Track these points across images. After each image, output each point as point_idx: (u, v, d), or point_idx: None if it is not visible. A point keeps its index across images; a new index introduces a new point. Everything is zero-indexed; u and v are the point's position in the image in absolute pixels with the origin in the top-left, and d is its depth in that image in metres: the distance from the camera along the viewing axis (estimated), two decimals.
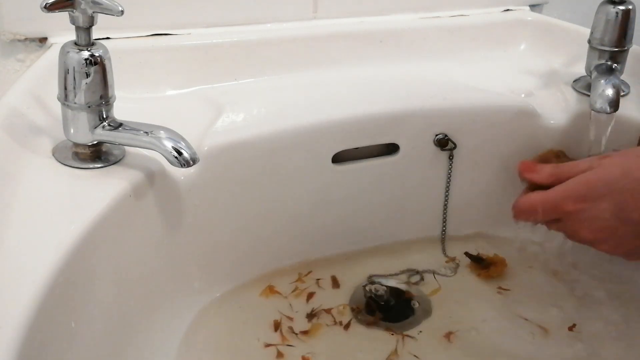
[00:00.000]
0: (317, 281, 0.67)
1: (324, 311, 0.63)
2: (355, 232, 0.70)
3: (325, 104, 0.66)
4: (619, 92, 0.64)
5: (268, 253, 0.66)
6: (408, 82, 0.71)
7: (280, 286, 0.65)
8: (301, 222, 0.66)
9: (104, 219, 0.47)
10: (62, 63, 0.49)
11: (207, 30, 0.70)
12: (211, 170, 0.58)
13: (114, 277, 0.50)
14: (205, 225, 0.60)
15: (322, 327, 0.62)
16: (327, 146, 0.64)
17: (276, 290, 0.65)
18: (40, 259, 0.41)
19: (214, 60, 0.68)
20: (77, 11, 0.48)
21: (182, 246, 0.59)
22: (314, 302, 0.64)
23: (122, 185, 0.50)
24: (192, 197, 0.58)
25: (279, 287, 0.65)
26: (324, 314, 0.63)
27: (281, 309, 0.63)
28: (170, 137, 0.49)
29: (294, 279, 0.66)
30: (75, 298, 0.44)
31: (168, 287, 0.59)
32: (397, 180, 0.68)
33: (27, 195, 0.47)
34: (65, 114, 0.51)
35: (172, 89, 0.67)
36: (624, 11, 0.66)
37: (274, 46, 0.71)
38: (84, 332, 0.45)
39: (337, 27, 0.74)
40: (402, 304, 0.65)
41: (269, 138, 0.61)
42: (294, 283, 0.66)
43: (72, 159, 0.52)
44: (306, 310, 0.63)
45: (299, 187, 0.64)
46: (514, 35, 0.83)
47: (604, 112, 0.62)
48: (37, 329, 0.38)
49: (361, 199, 0.68)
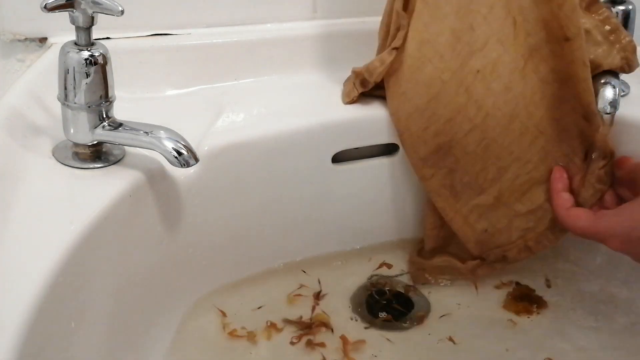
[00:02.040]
0: (318, 281, 0.67)
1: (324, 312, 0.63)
2: (355, 231, 0.70)
3: (326, 103, 0.66)
4: (619, 92, 0.64)
5: (268, 252, 0.66)
6: None
7: (280, 285, 0.65)
8: (301, 221, 0.66)
9: (104, 219, 0.47)
10: (62, 63, 0.49)
11: (207, 30, 0.70)
12: (211, 170, 0.58)
13: (114, 277, 0.50)
14: (205, 225, 0.60)
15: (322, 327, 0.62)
16: (327, 146, 0.64)
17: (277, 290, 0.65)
18: (40, 259, 0.41)
19: (214, 60, 0.68)
20: (77, 11, 0.48)
21: (182, 246, 0.59)
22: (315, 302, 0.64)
23: (122, 185, 0.50)
24: (192, 197, 0.58)
25: (279, 286, 0.65)
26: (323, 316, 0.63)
27: (281, 308, 0.63)
28: (170, 137, 0.49)
29: (294, 278, 0.66)
30: (75, 298, 0.44)
31: (168, 286, 0.59)
32: (397, 180, 0.68)
33: (27, 195, 0.47)
34: (65, 114, 0.51)
35: (172, 89, 0.67)
36: (624, 11, 0.66)
37: (274, 46, 0.71)
38: (84, 332, 0.45)
39: (337, 27, 0.74)
40: (404, 303, 0.65)
41: (268, 138, 0.61)
42: (294, 283, 0.66)
43: (72, 159, 0.52)
44: (307, 309, 0.63)
45: (298, 187, 0.64)
46: None
47: (604, 112, 0.62)
48: (37, 329, 0.38)
49: (361, 199, 0.68)
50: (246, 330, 0.61)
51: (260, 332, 0.60)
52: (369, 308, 0.64)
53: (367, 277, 0.68)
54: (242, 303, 0.63)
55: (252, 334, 0.60)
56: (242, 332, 0.60)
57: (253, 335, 0.60)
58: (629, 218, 0.54)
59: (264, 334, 0.60)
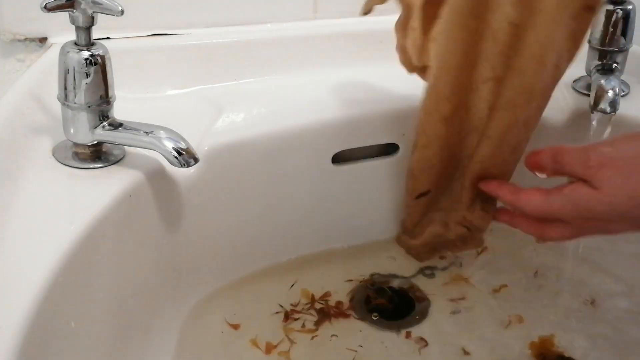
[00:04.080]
0: (317, 279, 0.67)
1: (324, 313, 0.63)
2: (355, 231, 0.70)
3: (325, 104, 0.66)
4: (619, 92, 0.64)
5: (268, 252, 0.66)
6: (408, 82, 0.71)
7: (280, 284, 0.65)
8: (301, 222, 0.66)
9: (104, 219, 0.47)
10: (62, 63, 0.49)
11: (207, 30, 0.70)
12: (211, 170, 0.58)
13: (114, 277, 0.50)
14: (205, 225, 0.60)
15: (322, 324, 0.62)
16: (327, 146, 0.64)
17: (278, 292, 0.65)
18: (40, 259, 0.41)
19: (214, 60, 0.68)
20: (77, 11, 0.48)
21: (182, 246, 0.59)
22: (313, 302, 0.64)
23: (122, 185, 0.50)
24: (192, 197, 0.58)
25: (279, 285, 0.65)
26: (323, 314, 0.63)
27: (282, 307, 0.63)
28: (170, 137, 0.49)
29: (294, 277, 0.66)
30: (75, 298, 0.44)
31: (168, 286, 0.59)
32: (397, 180, 0.68)
33: (27, 195, 0.47)
34: (65, 114, 0.51)
35: (172, 89, 0.67)
36: (624, 11, 0.66)
37: (274, 46, 0.71)
38: (84, 332, 0.45)
39: (337, 27, 0.74)
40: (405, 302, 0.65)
41: (269, 138, 0.61)
42: (294, 282, 0.66)
43: (72, 159, 0.52)
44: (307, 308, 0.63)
45: (298, 187, 0.64)
46: None
47: (604, 112, 0.62)
48: (37, 329, 0.38)
49: (361, 199, 0.68)
50: (247, 329, 0.61)
51: (260, 332, 0.60)
52: (368, 306, 0.64)
53: (367, 276, 0.68)
54: (243, 302, 0.63)
55: (252, 333, 0.60)
56: (242, 331, 0.60)
57: (254, 334, 0.60)
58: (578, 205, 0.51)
59: (265, 333, 0.60)
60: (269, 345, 0.59)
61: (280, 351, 0.59)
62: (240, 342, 0.60)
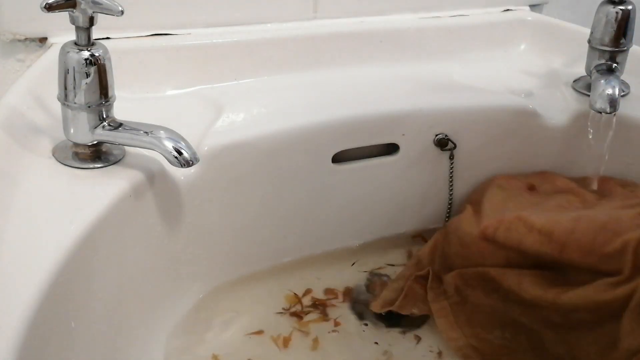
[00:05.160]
0: (317, 278, 0.67)
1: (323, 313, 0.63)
2: (355, 230, 0.70)
3: (325, 104, 0.66)
4: (619, 92, 0.64)
5: (268, 251, 0.66)
6: (408, 82, 0.71)
7: (280, 284, 0.66)
8: (301, 221, 0.66)
9: (104, 219, 0.47)
10: (62, 63, 0.50)
11: (207, 30, 0.70)
12: (211, 170, 0.58)
13: (114, 277, 0.50)
14: (205, 225, 0.60)
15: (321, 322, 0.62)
16: (327, 146, 0.64)
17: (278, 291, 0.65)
18: (40, 259, 0.41)
19: (214, 60, 0.68)
20: (77, 11, 0.48)
21: (182, 246, 0.59)
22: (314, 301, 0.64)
23: (122, 185, 0.50)
24: (192, 197, 0.58)
25: (279, 284, 0.65)
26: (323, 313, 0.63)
27: (282, 306, 0.63)
28: (170, 137, 0.49)
29: (294, 276, 0.67)
30: (75, 298, 0.44)
31: (168, 286, 0.59)
32: (397, 180, 0.68)
33: (27, 195, 0.47)
34: (65, 114, 0.51)
35: (172, 89, 0.67)
36: (624, 11, 0.66)
37: (274, 46, 0.71)
38: (84, 332, 0.45)
39: (337, 27, 0.74)
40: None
41: (269, 138, 0.61)
42: (294, 281, 0.66)
43: (72, 159, 0.52)
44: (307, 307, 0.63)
45: (299, 187, 0.64)
46: (514, 35, 0.83)
47: (604, 112, 0.62)
48: (37, 329, 0.38)
49: (361, 199, 0.68)
50: (247, 329, 0.61)
51: (261, 330, 0.60)
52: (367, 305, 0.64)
53: (366, 275, 0.68)
54: (243, 302, 0.63)
55: (253, 332, 0.60)
56: (242, 331, 0.60)
57: (255, 332, 0.60)
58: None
59: (265, 332, 0.60)
60: (270, 343, 0.59)
61: (281, 349, 0.59)
62: (240, 341, 0.60)
